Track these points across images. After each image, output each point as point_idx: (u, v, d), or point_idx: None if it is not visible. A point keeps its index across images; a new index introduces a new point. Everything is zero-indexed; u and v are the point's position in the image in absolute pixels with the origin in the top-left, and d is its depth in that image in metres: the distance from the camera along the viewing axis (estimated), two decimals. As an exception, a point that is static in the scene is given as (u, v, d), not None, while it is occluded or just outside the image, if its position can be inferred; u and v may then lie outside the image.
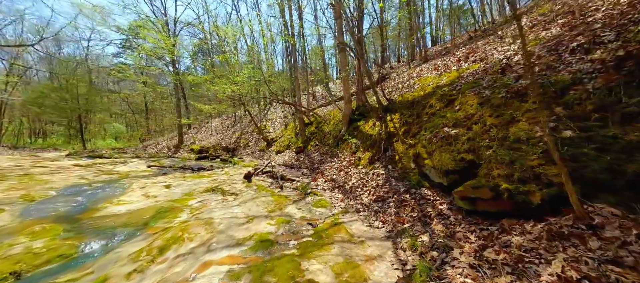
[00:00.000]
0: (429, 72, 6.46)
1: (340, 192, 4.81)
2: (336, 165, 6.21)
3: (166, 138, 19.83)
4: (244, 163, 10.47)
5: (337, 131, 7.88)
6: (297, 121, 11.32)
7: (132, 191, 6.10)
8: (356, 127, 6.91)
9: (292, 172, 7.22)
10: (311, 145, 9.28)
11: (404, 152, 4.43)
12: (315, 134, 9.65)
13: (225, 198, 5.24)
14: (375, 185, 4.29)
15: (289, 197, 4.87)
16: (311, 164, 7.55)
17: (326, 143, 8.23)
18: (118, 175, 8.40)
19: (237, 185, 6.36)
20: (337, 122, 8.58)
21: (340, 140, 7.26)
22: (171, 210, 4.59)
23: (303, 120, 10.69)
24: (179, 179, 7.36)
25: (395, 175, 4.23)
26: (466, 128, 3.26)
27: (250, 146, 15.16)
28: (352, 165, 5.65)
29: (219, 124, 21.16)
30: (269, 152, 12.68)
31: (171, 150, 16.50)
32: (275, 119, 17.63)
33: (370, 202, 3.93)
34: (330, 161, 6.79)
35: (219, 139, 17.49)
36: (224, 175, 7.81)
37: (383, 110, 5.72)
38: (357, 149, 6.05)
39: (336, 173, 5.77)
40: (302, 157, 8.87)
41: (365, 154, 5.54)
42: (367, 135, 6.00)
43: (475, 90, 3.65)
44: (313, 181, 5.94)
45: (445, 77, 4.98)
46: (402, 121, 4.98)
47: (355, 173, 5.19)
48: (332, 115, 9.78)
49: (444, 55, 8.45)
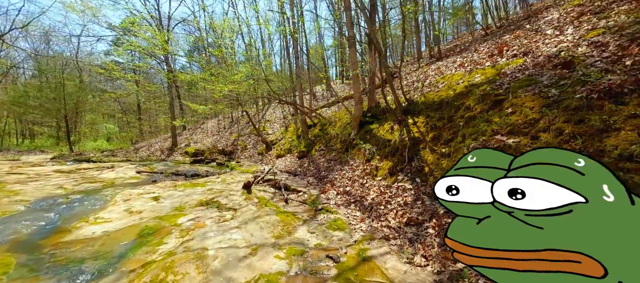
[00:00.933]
0: (452, 70, 5.78)
1: (358, 208, 4.09)
2: (348, 175, 5.49)
3: (159, 140, 18.93)
4: (241, 168, 9.70)
5: (346, 135, 7.16)
6: (299, 123, 10.59)
7: (114, 204, 5.31)
8: (369, 131, 6.20)
9: (296, 181, 6.48)
10: (315, 149, 8.55)
11: (435, 162, 3.72)
12: (320, 137, 8.93)
13: (221, 215, 4.48)
14: (402, 203, 3.57)
15: (297, 215, 4.13)
16: (317, 172, 6.82)
17: (333, 148, 7.50)
18: (102, 183, 7.58)
19: (235, 196, 5.60)
20: (345, 125, 7.86)
21: (350, 145, 6.55)
22: (157, 232, 3.83)
23: (305, 122, 9.96)
24: (170, 188, 6.57)
25: (427, 191, 3.51)
26: (530, 137, 2.56)
27: (248, 149, 14.38)
28: (368, 175, 4.93)
29: (215, 125, 20.32)
30: (268, 155, 11.92)
31: (164, 153, 15.63)
32: (274, 120, 16.86)
33: (400, 225, 3.21)
34: (340, 169, 6.06)
35: (215, 141, 16.67)
36: (220, 183, 7.04)
37: (402, 112, 5.02)
38: (372, 156, 5.34)
39: (349, 185, 5.05)
40: (306, 162, 8.14)
41: (383, 163, 4.82)
42: (383, 141, 5.29)
43: (533, 89, 2.96)
44: (322, 193, 5.21)
45: (479, 74, 4.29)
46: (429, 125, 4.28)
47: (374, 186, 4.47)
48: (337, 116, 9.06)
49: (460, 52, 7.79)
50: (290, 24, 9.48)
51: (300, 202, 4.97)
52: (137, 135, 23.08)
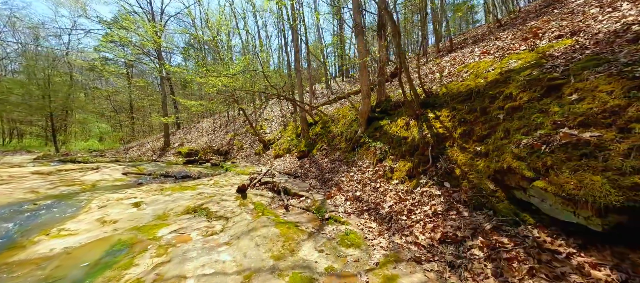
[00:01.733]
0: (474, 58, 5.14)
1: (373, 217, 3.42)
2: (357, 177, 4.82)
3: (152, 139, 18.13)
4: (237, 169, 8.99)
5: (351, 132, 6.49)
6: (299, 121, 9.91)
7: (87, 212, 4.58)
8: (378, 128, 5.54)
9: (297, 184, 5.79)
10: (317, 148, 7.87)
11: (468, 163, 3.06)
12: (322, 135, 8.25)
13: (210, 225, 3.78)
14: (431, 214, 2.91)
15: (300, 226, 3.45)
16: (320, 173, 6.14)
17: (337, 147, 6.83)
18: (81, 186, 6.84)
19: (228, 202, 4.90)
20: (350, 122, 7.20)
21: (357, 144, 5.88)
22: (129, 249, 3.13)
23: (306, 120, 9.28)
24: (155, 192, 5.85)
25: (461, 199, 2.85)
26: (617, 129, 1.91)
27: (245, 148, 13.66)
28: (381, 178, 4.26)
29: (210, 124, 19.56)
30: (266, 155, 11.22)
31: (156, 153, 14.86)
32: (272, 119, 16.16)
33: (433, 242, 2.55)
34: (346, 170, 5.39)
35: (210, 140, 15.92)
36: (212, 187, 6.34)
37: (420, 106, 4.36)
38: (384, 156, 4.67)
39: (359, 189, 4.38)
40: (307, 163, 7.45)
41: (399, 164, 4.16)
42: (397, 139, 4.63)
43: (606, 69, 2.31)
44: (328, 198, 4.54)
45: (514, 59, 3.65)
46: (456, 119, 3.62)
47: (390, 191, 3.80)
48: (340, 113, 8.40)
49: (475, 43, 7.17)
50: (289, 12, 8.79)
51: (302, 209, 4.29)
52: (127, 134, 22.23)
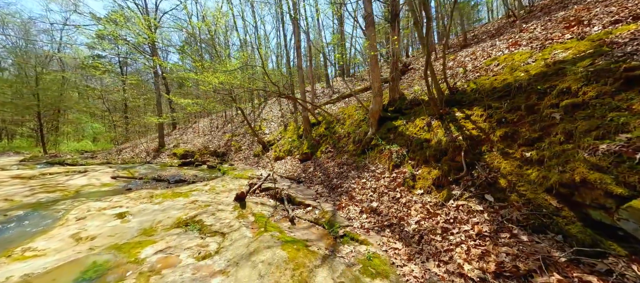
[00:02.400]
0: (502, 51, 4.62)
1: (397, 235, 2.88)
2: (371, 184, 4.27)
3: (146, 140, 17.47)
4: (235, 172, 8.41)
5: (360, 134, 5.95)
6: (300, 121, 9.35)
7: (62, 226, 4.00)
8: (392, 129, 5.00)
9: (302, 191, 5.24)
10: (321, 151, 7.32)
11: (515, 172, 2.53)
12: (326, 136, 7.70)
13: (203, 244, 3.22)
14: (475, 235, 2.37)
15: (310, 246, 2.89)
16: (327, 179, 5.58)
17: (344, 150, 6.28)
18: (64, 192, 6.23)
19: (225, 212, 4.34)
20: (357, 122, 6.66)
21: (368, 146, 5.34)
22: (102, 276, 2.56)
23: (308, 120, 8.73)
24: (144, 200, 5.27)
25: (513, 217, 2.32)
26: None
27: (243, 150, 13.08)
28: (400, 187, 3.71)
29: (207, 124, 18.94)
30: (265, 157, 10.64)
31: (150, 155, 14.22)
32: (271, 119, 15.58)
33: (485, 275, 2.00)
34: (357, 176, 4.84)
35: (206, 141, 15.31)
36: (208, 193, 5.76)
37: (445, 104, 3.82)
38: (402, 161, 4.14)
39: (376, 198, 3.83)
40: (310, 166, 6.90)
41: (421, 170, 3.62)
42: (416, 141, 4.09)
43: None
44: (339, 208, 3.98)
45: (560, 49, 3.13)
46: (493, 119, 3.09)
47: (414, 203, 3.25)
48: (346, 113, 7.85)
49: (493, 37, 6.66)
50: (290, 4, 8.24)
51: (311, 222, 3.73)
52: (120, 134, 21.52)
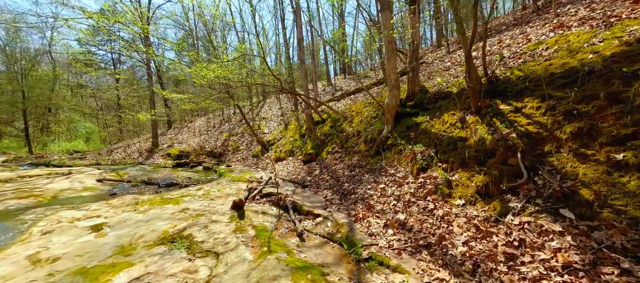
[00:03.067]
0: (545, 35, 4.01)
1: (439, 262, 2.25)
2: (392, 191, 3.63)
3: (140, 140, 16.72)
4: (232, 174, 7.74)
5: (373, 132, 5.31)
6: (304, 119, 8.70)
7: (24, 242, 3.31)
8: (413, 126, 4.36)
9: (309, 197, 4.58)
10: (327, 151, 6.68)
11: (602, 179, 1.91)
12: (332, 136, 7.06)
13: (191, 269, 2.56)
14: (561, 267, 1.73)
15: (328, 274, 2.25)
16: (336, 183, 4.94)
17: (354, 150, 5.65)
18: (38, 198, 5.53)
19: (220, 225, 3.68)
20: (368, 120, 6.02)
21: (384, 146, 4.70)
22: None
23: (312, 118, 8.08)
24: (128, 208, 4.59)
25: (616, 244, 1.68)
26: None
27: (241, 150, 12.39)
28: (432, 195, 3.08)
29: (203, 123, 18.21)
30: (265, 158, 9.97)
31: (142, 155, 13.49)
32: (270, 117, 14.91)
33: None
34: (373, 181, 4.20)
35: (202, 141, 14.60)
36: (201, 199, 5.09)
37: (483, 95, 3.19)
38: (429, 163, 3.50)
39: (401, 209, 3.19)
40: (316, 168, 6.25)
41: (459, 175, 2.98)
42: (447, 140, 3.46)
43: None
44: (356, 220, 3.34)
45: (636, 25, 2.52)
46: (558, 112, 2.47)
47: (457, 217, 2.62)
48: (354, 110, 7.21)
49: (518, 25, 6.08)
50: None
51: (323, 238, 3.09)
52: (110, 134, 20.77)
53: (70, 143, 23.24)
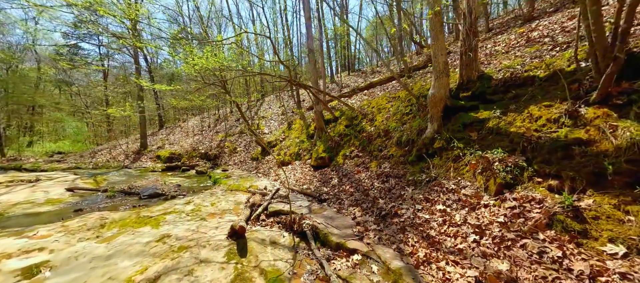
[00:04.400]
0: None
1: None
2: (462, 217, 2.51)
3: (128, 141, 15.41)
4: (229, 181, 6.57)
5: (411, 132, 4.19)
6: (312, 117, 7.56)
7: None
8: (473, 124, 3.26)
9: (331, 218, 3.44)
10: (344, 155, 5.55)
11: None
12: (349, 137, 5.93)
13: None
14: None
15: None
16: (364, 197, 3.81)
17: (382, 155, 4.52)
18: (-21, 216, 4.33)
19: (212, 268, 2.54)
20: (397, 116, 4.91)
21: (428, 150, 3.59)
22: None
23: (322, 116, 6.94)
24: (89, 233, 3.41)
25: None
26: None
27: (239, 152, 11.21)
28: (546, 230, 1.96)
29: (197, 123, 16.95)
30: (265, 161, 8.81)
31: (129, 158, 12.22)
32: (270, 117, 13.74)
33: None
34: (423, 198, 3.08)
35: (196, 142, 13.37)
36: (189, 217, 3.93)
37: (604, 78, 2.09)
38: (518, 177, 2.39)
39: (492, 249, 2.08)
40: (331, 176, 5.10)
41: (594, 200, 1.87)
42: (551, 144, 2.35)
43: None
44: (416, 264, 2.22)
45: None
46: None
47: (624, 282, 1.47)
48: (374, 105, 6.09)
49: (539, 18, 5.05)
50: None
51: (374, 298, 1.95)
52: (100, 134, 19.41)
53: (55, 144, 21.76)
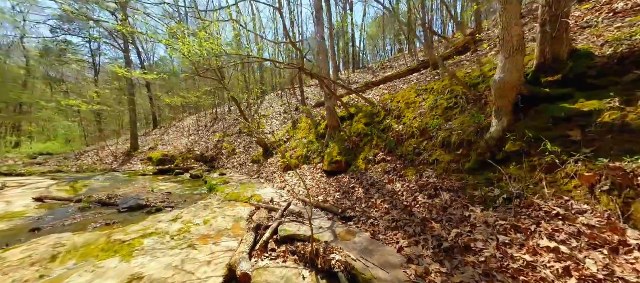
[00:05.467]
0: None
1: None
2: (599, 264, 1.54)
3: (117, 141, 14.37)
4: (227, 189, 5.59)
5: (464, 130, 3.23)
6: (322, 114, 6.60)
7: None
8: (571, 119, 2.32)
9: (367, 250, 2.48)
10: (365, 158, 4.60)
11: None
12: (370, 136, 4.98)
13: None
14: None
15: None
16: (407, 217, 2.85)
17: (423, 160, 3.57)
18: None
19: None
20: (437, 112, 3.96)
21: (495, 155, 2.63)
22: None
23: (334, 113, 5.98)
24: (28, 273, 2.43)
25: None
26: None
27: (237, 153, 10.23)
28: None
29: (193, 122, 15.93)
30: (268, 164, 7.84)
31: (118, 160, 11.20)
32: (271, 115, 12.75)
33: None
34: (509, 226, 2.12)
35: (191, 142, 12.36)
36: (174, 241, 2.96)
37: None
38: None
39: None
40: (353, 184, 4.14)
41: None
42: None
43: None
44: None
45: None
46: None
47: None
48: (400, 99, 5.13)
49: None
50: None
51: None
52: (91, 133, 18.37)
53: (44, 145, 20.67)
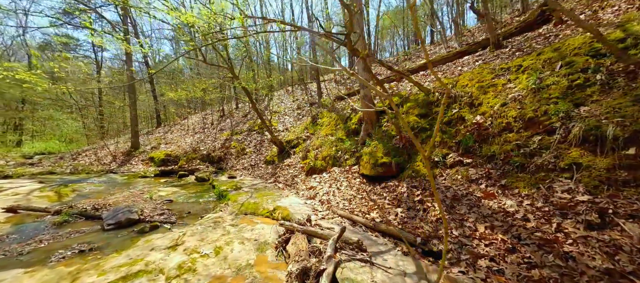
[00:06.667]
0: None
1: None
2: None
3: (118, 140, 13.43)
4: (240, 197, 4.49)
5: (617, 119, 2.04)
6: (353, 107, 5.47)
7: None
8: None
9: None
10: (420, 161, 3.42)
11: None
12: (428, 131, 3.80)
13: None
14: None
15: None
16: (553, 258, 1.69)
17: (533, 163, 2.38)
18: None
19: None
20: (553, 92, 2.76)
21: None
22: None
23: (373, 103, 4.82)
24: None
25: None
26: None
27: (248, 153, 9.15)
28: None
29: (199, 120, 14.93)
30: (285, 167, 6.72)
31: (117, 160, 10.22)
32: (283, 112, 11.66)
33: None
34: None
35: (196, 141, 11.33)
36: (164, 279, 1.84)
37: None
38: None
39: None
40: (418, 195, 3.01)
41: None
42: None
43: None
44: None
45: None
46: None
47: None
48: (468, 83, 3.94)
49: None
50: None
51: None
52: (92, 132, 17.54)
53: (45, 144, 19.98)
